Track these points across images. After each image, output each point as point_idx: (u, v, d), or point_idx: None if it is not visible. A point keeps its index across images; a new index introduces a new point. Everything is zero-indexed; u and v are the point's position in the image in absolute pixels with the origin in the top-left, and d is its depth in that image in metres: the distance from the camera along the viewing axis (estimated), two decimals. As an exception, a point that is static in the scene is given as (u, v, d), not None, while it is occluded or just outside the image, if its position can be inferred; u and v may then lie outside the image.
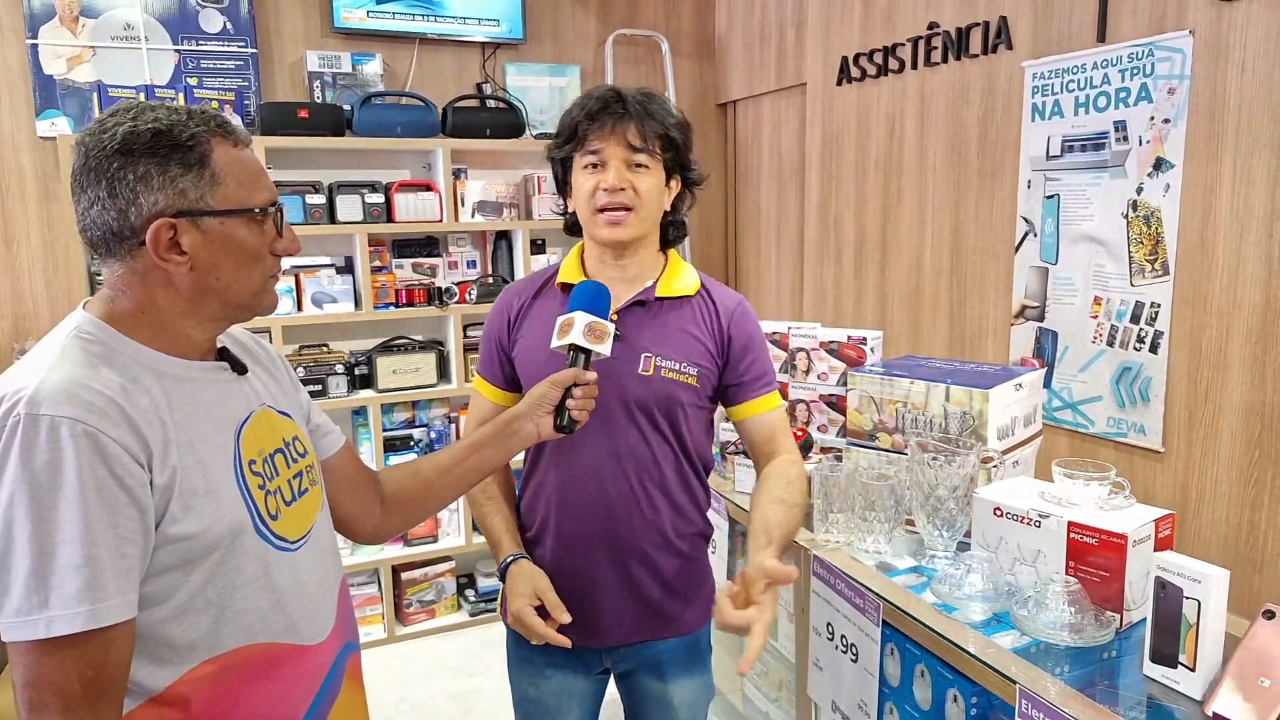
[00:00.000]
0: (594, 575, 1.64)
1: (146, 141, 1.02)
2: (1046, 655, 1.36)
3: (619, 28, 4.24)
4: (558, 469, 1.64)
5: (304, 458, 1.24)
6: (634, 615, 1.67)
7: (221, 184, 1.06)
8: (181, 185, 1.03)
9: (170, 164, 1.03)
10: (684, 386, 1.62)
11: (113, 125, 1.03)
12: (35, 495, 0.93)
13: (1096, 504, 1.49)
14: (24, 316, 3.41)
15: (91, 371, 1.00)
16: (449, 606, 3.87)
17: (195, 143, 1.04)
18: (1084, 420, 2.71)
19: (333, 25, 3.70)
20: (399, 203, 3.58)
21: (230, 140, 1.09)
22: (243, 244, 1.09)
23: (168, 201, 1.03)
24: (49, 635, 0.93)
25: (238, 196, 1.08)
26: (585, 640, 1.65)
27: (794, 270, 4.13)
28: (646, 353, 1.60)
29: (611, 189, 1.55)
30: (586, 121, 1.57)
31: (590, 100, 1.59)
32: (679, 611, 1.70)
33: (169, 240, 1.04)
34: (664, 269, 1.68)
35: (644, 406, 1.60)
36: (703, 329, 1.65)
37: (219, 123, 1.08)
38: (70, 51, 3.37)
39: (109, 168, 1.02)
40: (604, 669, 1.74)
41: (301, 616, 1.17)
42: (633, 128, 1.54)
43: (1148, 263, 2.49)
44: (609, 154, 1.55)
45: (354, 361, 3.67)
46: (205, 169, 1.05)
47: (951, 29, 3.07)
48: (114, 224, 1.03)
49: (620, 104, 1.56)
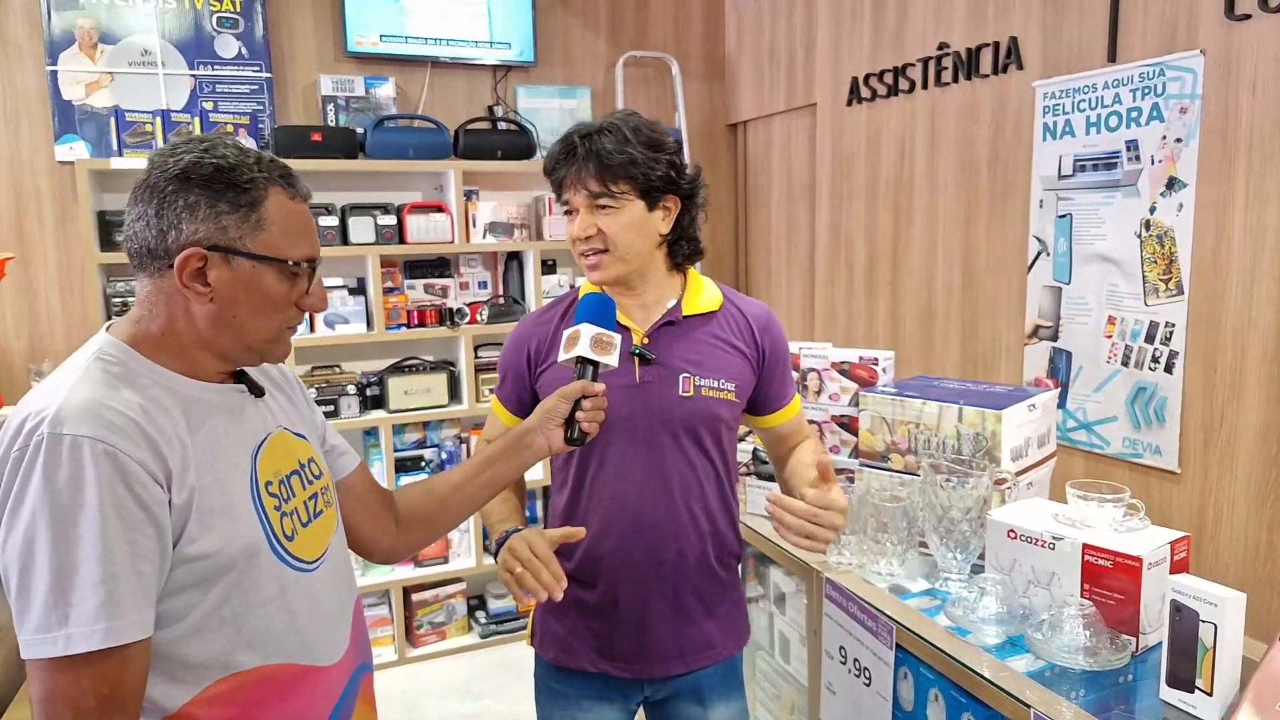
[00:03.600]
0: (646, 606, 1.62)
1: (206, 174, 1.06)
2: (1061, 679, 1.35)
3: (629, 49, 4.27)
4: (600, 498, 1.61)
5: (319, 479, 1.25)
6: (683, 645, 1.65)
7: (265, 230, 1.08)
8: (225, 222, 1.06)
9: (221, 200, 1.06)
10: (724, 403, 1.62)
11: (183, 152, 1.07)
12: (57, 513, 0.95)
13: (1111, 526, 1.47)
14: (40, 338, 3.44)
15: (112, 392, 1.02)
16: (460, 628, 3.86)
17: (252, 185, 1.07)
18: (1099, 441, 2.69)
19: (346, 49, 3.74)
20: (411, 224, 3.61)
21: (289, 192, 1.12)
22: (268, 291, 1.10)
23: (207, 233, 1.06)
24: (67, 652, 0.94)
25: (278, 245, 1.10)
26: (632, 672, 1.64)
27: (805, 290, 4.13)
28: (684, 373, 1.60)
29: (579, 237, 1.57)
30: (554, 171, 1.58)
31: (555, 147, 1.59)
32: (722, 637, 1.70)
33: (196, 269, 1.06)
34: (684, 288, 1.68)
35: (689, 428, 1.60)
36: (737, 342, 1.65)
37: (282, 173, 1.11)
38: (89, 77, 3.42)
39: (164, 189, 1.06)
40: (643, 699, 1.72)
41: (316, 637, 1.17)
42: (588, 173, 1.53)
43: (1161, 282, 2.48)
44: (575, 202, 1.57)
45: (366, 382, 3.68)
46: (254, 212, 1.08)
47: (961, 49, 3.07)
48: (152, 242, 1.06)
49: (575, 150, 1.55)
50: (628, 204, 1.55)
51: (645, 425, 1.56)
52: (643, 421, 1.56)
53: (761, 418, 1.74)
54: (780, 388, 1.72)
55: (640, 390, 1.58)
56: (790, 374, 1.75)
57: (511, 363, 1.69)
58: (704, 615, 1.66)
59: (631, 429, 1.58)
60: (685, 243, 1.68)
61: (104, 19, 3.41)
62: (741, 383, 1.64)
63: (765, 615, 2.24)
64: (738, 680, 1.77)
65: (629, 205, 1.55)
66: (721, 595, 1.68)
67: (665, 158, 1.57)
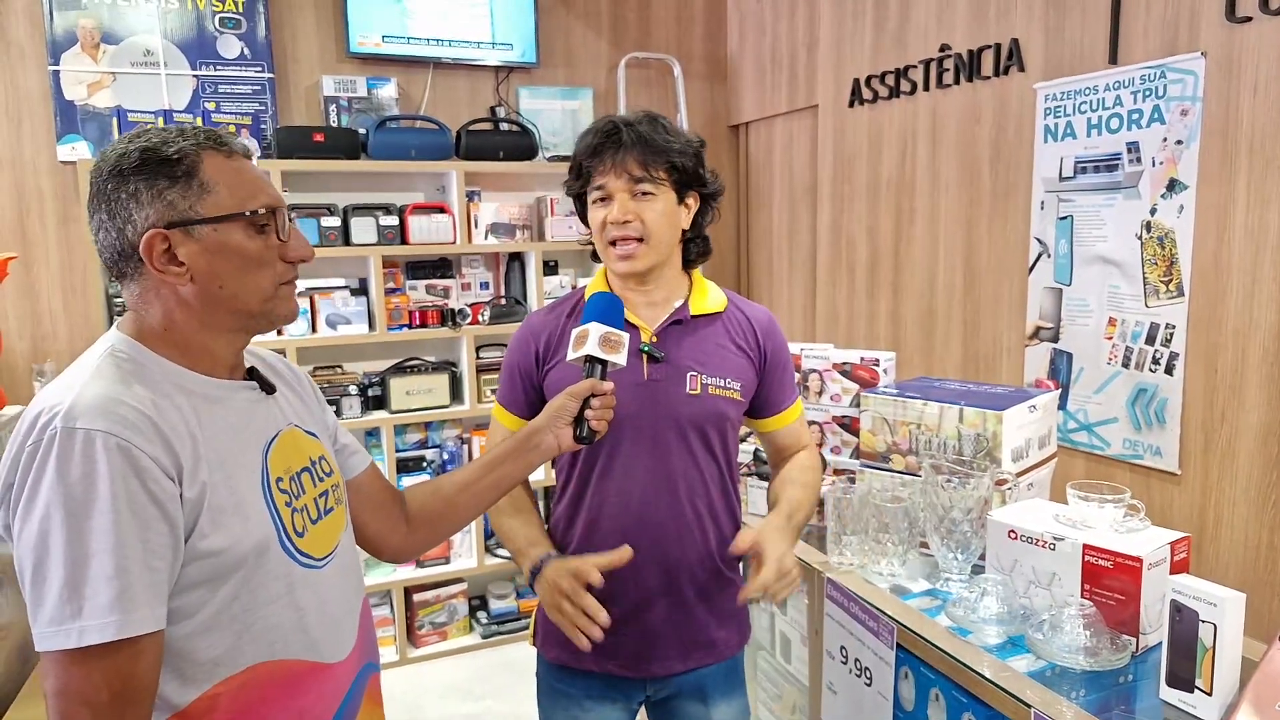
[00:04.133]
0: (648, 605, 1.62)
1: (135, 161, 1.06)
2: (1062, 679, 1.35)
3: (631, 51, 4.28)
4: (604, 496, 1.61)
5: (329, 477, 1.26)
6: (685, 644, 1.65)
7: (211, 192, 1.08)
8: (169, 197, 1.06)
9: (158, 179, 1.06)
10: (730, 402, 1.64)
11: (111, 151, 1.08)
12: (71, 507, 0.95)
13: (1112, 527, 1.48)
14: (43, 338, 3.45)
15: (125, 388, 1.02)
16: (461, 628, 3.86)
17: (182, 155, 1.07)
18: (1099, 442, 2.69)
19: (348, 50, 3.75)
20: (413, 225, 3.61)
21: (223, 152, 1.11)
22: (241, 249, 1.10)
23: (158, 214, 1.06)
24: (80, 645, 0.94)
25: (229, 203, 1.09)
26: (634, 671, 1.64)
27: (806, 291, 4.13)
28: (692, 371, 1.61)
29: (617, 221, 1.56)
30: (589, 158, 1.58)
31: (590, 135, 1.59)
32: (725, 636, 1.70)
33: (163, 251, 1.06)
34: (690, 288, 1.69)
35: (697, 425, 1.61)
36: (741, 343, 1.67)
37: (209, 136, 1.11)
38: (91, 77, 3.42)
39: (106, 190, 1.06)
40: (645, 698, 1.72)
41: (323, 635, 1.18)
42: (633, 157, 1.54)
43: (1162, 284, 2.48)
44: (613, 187, 1.56)
45: (367, 383, 3.68)
46: (193, 179, 1.07)
47: (963, 51, 3.08)
48: (117, 244, 1.07)
49: (619, 135, 1.55)
50: (664, 192, 1.57)
51: (652, 423, 1.57)
52: (650, 419, 1.57)
53: (761, 421, 1.75)
54: (779, 392, 1.73)
55: (648, 388, 1.58)
56: (792, 379, 1.76)
57: (517, 360, 1.68)
58: (706, 614, 1.66)
59: (638, 427, 1.58)
60: (698, 241, 1.70)
61: (106, 19, 3.42)
62: (746, 383, 1.66)
63: (766, 615, 2.24)
64: (739, 678, 1.78)
65: (665, 194, 1.58)
66: (723, 594, 1.69)
67: (694, 151, 1.62)
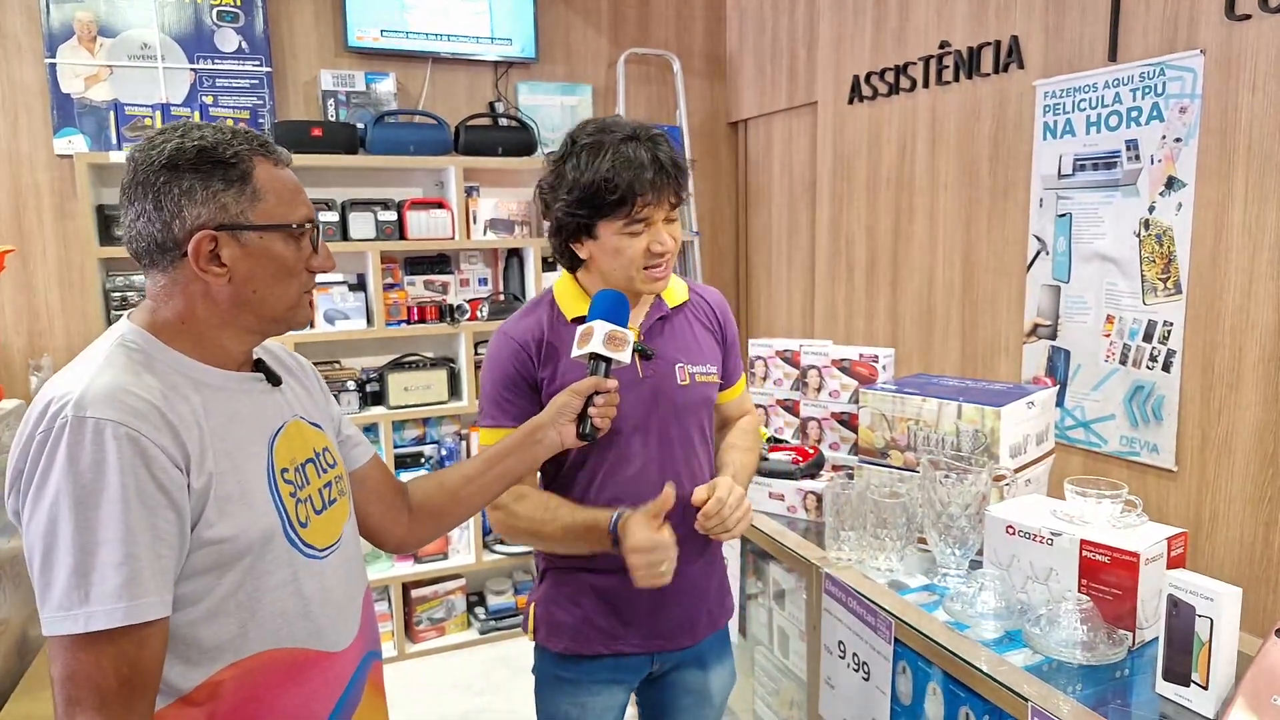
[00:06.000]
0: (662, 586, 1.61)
1: (191, 158, 1.07)
2: (1059, 673, 1.36)
3: (630, 47, 4.27)
4: (614, 490, 1.61)
5: (333, 468, 1.28)
6: (693, 618, 1.72)
7: (262, 200, 1.10)
8: (223, 200, 1.08)
9: (213, 179, 1.07)
10: (712, 386, 1.72)
11: (161, 142, 1.08)
12: (79, 495, 0.97)
13: (1109, 522, 1.48)
14: (39, 333, 3.44)
15: (134, 378, 1.04)
16: (459, 624, 3.86)
17: (238, 160, 1.09)
18: (1097, 439, 2.69)
19: (346, 44, 3.74)
20: (411, 220, 3.61)
21: (272, 159, 1.13)
22: (280, 258, 1.13)
23: (210, 215, 1.07)
24: (87, 630, 0.96)
25: (277, 213, 1.12)
26: (648, 647, 1.69)
27: (805, 288, 4.13)
28: (679, 363, 1.67)
29: (669, 251, 1.58)
30: (644, 193, 1.51)
31: (636, 169, 1.50)
32: (719, 608, 1.79)
33: (210, 252, 1.08)
34: None
35: (692, 414, 1.67)
36: (709, 326, 1.75)
37: (261, 142, 1.13)
38: (88, 71, 3.41)
39: (155, 181, 1.07)
40: (648, 674, 1.76)
41: (326, 623, 1.19)
42: (673, 185, 1.55)
43: (1160, 281, 2.48)
44: (656, 216, 1.55)
45: (365, 378, 3.68)
46: (247, 185, 1.09)
47: (963, 48, 3.08)
48: (158, 235, 1.08)
49: (663, 170, 1.52)
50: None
51: (653, 418, 1.62)
52: (652, 415, 1.62)
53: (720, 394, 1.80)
54: (733, 366, 1.81)
55: (644, 385, 1.62)
56: (739, 354, 1.85)
57: (515, 370, 1.62)
58: (706, 588, 1.74)
59: (643, 426, 1.62)
60: None
61: (103, 12, 3.41)
62: (718, 365, 1.74)
63: (764, 610, 2.24)
64: (728, 645, 1.87)
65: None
66: (714, 568, 1.77)
67: None
